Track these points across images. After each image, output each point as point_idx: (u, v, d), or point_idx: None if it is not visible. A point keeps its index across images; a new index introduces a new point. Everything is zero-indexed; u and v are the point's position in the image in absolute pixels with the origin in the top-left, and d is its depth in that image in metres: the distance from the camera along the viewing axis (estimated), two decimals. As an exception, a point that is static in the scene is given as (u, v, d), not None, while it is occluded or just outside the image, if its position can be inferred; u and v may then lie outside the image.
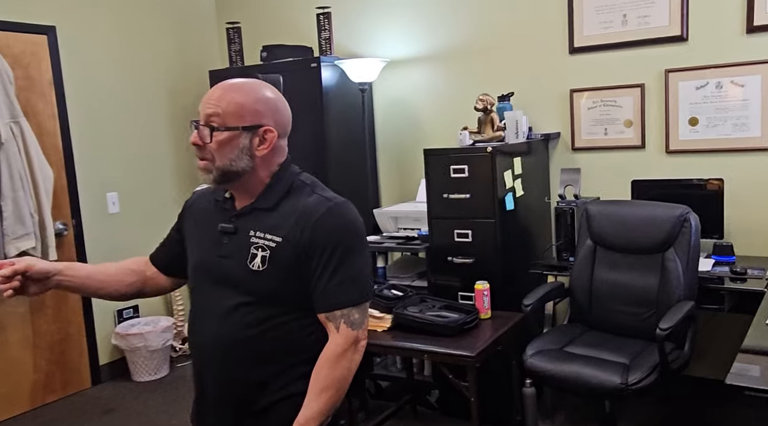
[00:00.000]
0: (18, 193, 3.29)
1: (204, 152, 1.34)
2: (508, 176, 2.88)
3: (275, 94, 1.40)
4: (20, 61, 3.44)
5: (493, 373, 2.82)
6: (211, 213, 1.46)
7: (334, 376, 1.34)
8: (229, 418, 1.42)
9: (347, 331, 1.34)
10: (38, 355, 3.57)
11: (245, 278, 1.36)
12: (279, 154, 1.42)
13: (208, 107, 1.33)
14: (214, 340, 1.39)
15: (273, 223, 1.36)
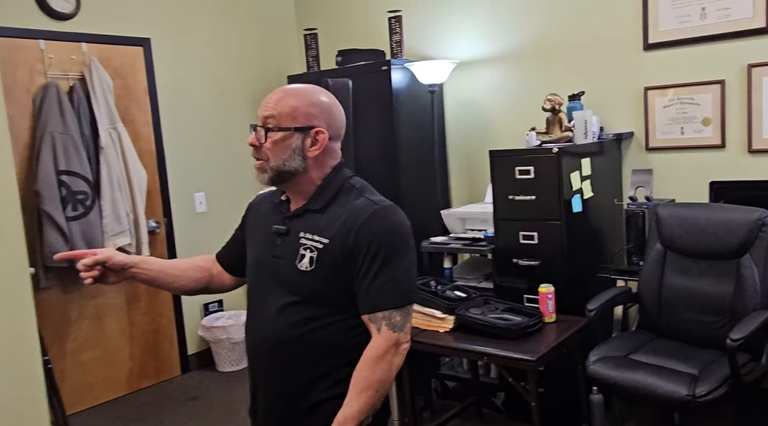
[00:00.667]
0: (116, 194, 3.58)
1: (260, 153, 1.42)
2: (575, 177, 2.82)
3: (330, 99, 1.47)
4: (120, 72, 3.74)
5: (559, 378, 2.77)
6: (268, 215, 1.53)
7: (374, 378, 1.37)
8: (278, 415, 1.48)
9: (388, 333, 1.37)
10: (134, 345, 3.88)
11: (294, 278, 1.41)
12: (331, 156, 1.47)
13: (265, 110, 1.42)
14: (265, 338, 1.46)
15: (321, 224, 1.41)
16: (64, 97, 3.41)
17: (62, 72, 3.49)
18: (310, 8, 4.49)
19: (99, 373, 3.71)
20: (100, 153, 3.54)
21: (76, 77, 3.53)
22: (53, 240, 3.34)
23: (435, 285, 2.86)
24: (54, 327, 3.49)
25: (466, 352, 2.64)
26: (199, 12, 4.10)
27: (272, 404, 1.49)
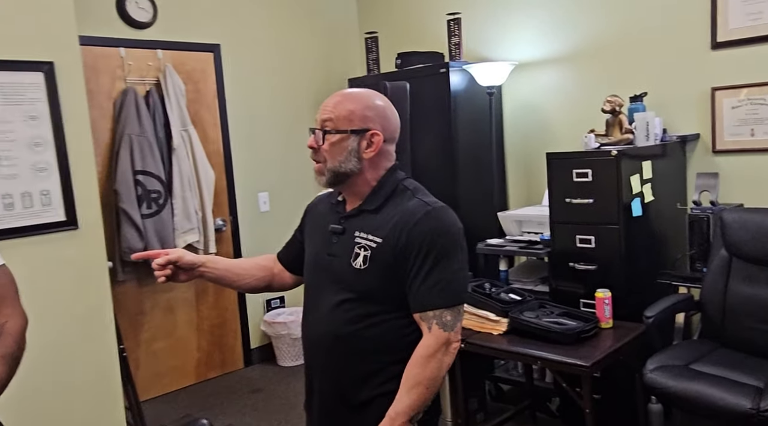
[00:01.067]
0: (186, 193, 3.77)
1: (318, 155, 1.49)
2: (635, 181, 2.75)
3: (385, 102, 1.52)
4: (191, 77, 3.94)
5: (616, 385, 2.72)
6: (326, 215, 1.59)
7: (424, 375, 1.40)
8: (332, 410, 1.53)
9: (439, 332, 1.40)
10: (201, 337, 4.07)
11: (348, 276, 1.46)
12: (386, 158, 1.51)
13: (323, 113, 1.48)
14: (320, 334, 1.52)
15: (375, 224, 1.46)
16: (141, 101, 3.62)
17: (140, 77, 3.71)
18: (372, 12, 4.56)
19: (169, 362, 3.92)
20: (173, 154, 3.73)
21: (152, 82, 3.74)
22: (130, 236, 3.55)
23: (489, 287, 2.86)
24: (129, 318, 3.71)
25: (520, 356, 2.63)
26: (266, 18, 4.25)
27: (326, 399, 1.54)
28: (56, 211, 2.68)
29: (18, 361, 1.30)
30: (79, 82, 2.74)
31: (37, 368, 2.58)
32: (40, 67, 2.58)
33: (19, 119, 2.55)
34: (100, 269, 2.88)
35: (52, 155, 2.65)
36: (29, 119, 2.57)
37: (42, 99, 2.60)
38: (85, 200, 2.77)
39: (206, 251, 3.87)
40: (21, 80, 2.54)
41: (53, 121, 2.63)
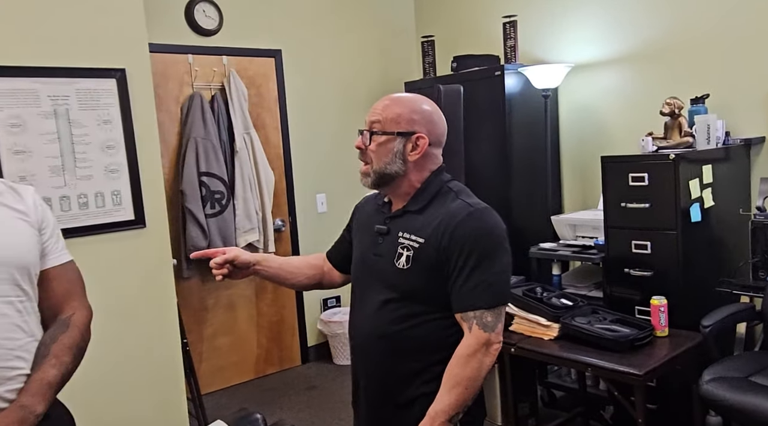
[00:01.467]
0: (247, 194, 3.91)
1: (365, 156, 1.54)
2: (694, 185, 2.68)
3: (432, 107, 1.56)
4: (254, 82, 4.08)
5: (673, 395, 2.65)
6: (372, 215, 1.64)
7: (464, 375, 1.42)
8: (376, 407, 1.58)
9: (479, 332, 1.42)
10: (260, 333, 4.20)
11: (392, 276, 1.50)
12: (431, 161, 1.55)
13: (372, 115, 1.54)
14: (365, 333, 1.56)
15: (418, 225, 1.49)
16: (206, 106, 3.79)
17: (206, 83, 3.88)
18: (429, 16, 4.59)
19: (230, 357, 4.07)
20: (235, 156, 3.88)
21: (217, 87, 3.91)
22: (194, 235, 3.72)
23: (541, 291, 2.85)
24: (194, 313, 3.88)
25: (570, 362, 2.59)
26: (325, 24, 4.35)
27: (372, 397, 1.59)
28: (126, 211, 2.84)
29: (83, 351, 1.41)
30: (148, 87, 2.90)
31: (105, 359, 2.75)
32: (113, 73, 2.75)
33: (94, 123, 2.72)
34: (165, 266, 3.03)
35: (123, 157, 2.81)
36: (103, 123, 2.75)
37: (114, 104, 2.77)
38: (152, 200, 2.93)
39: (265, 250, 4.00)
40: (96, 86, 2.71)
41: (124, 125, 2.80)
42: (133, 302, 2.89)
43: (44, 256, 1.41)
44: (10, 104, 2.47)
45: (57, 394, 1.33)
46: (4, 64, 2.45)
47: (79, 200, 2.70)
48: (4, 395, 1.25)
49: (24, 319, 1.32)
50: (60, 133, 2.62)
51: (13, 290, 1.30)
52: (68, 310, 1.42)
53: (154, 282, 2.98)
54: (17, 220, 1.36)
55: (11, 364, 1.27)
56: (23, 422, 1.23)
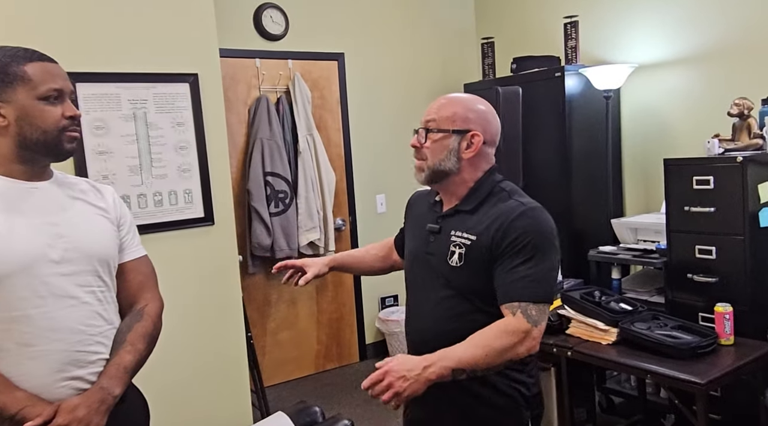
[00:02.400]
0: (309, 194, 4.03)
1: (420, 153, 1.58)
2: (763, 189, 2.59)
3: (488, 107, 1.59)
4: (317, 84, 4.20)
5: (739, 406, 2.57)
6: (424, 213, 1.68)
7: (491, 343, 1.40)
8: (435, 404, 1.59)
9: (522, 319, 1.41)
10: (320, 329, 4.32)
11: (446, 274, 1.53)
12: (485, 160, 1.58)
13: (428, 115, 1.58)
14: (422, 330, 1.60)
15: (471, 223, 1.52)
16: (272, 108, 3.93)
17: (271, 86, 4.02)
18: (489, 17, 4.60)
19: (292, 352, 4.20)
20: (298, 157, 4.01)
21: (282, 90, 4.05)
22: (259, 232, 3.87)
23: (599, 295, 2.81)
24: (258, 308, 4.03)
25: (629, 368, 2.55)
26: (387, 27, 4.43)
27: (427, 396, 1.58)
28: (196, 208, 3.00)
29: (155, 339, 1.52)
30: (218, 91, 3.05)
31: (174, 349, 2.90)
32: (186, 78, 2.91)
33: (168, 125, 2.89)
34: (231, 262, 3.17)
35: (194, 158, 2.97)
36: (176, 125, 2.91)
37: (187, 107, 2.92)
38: (220, 199, 3.08)
39: (326, 249, 4.10)
40: (171, 91, 2.88)
41: (196, 127, 2.96)
42: (202, 296, 3.04)
43: (122, 251, 1.53)
44: (95, 108, 2.66)
45: (132, 378, 1.44)
46: (90, 71, 2.64)
47: (155, 198, 2.87)
48: (87, 377, 1.37)
49: (104, 307, 1.44)
50: (138, 135, 2.79)
51: (96, 281, 1.42)
52: (142, 301, 1.54)
53: (222, 277, 3.12)
54: (99, 217, 1.49)
55: (93, 349, 1.39)
56: (103, 402, 1.34)
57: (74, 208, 1.44)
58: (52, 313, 1.34)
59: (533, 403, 1.55)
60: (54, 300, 1.34)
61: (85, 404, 1.31)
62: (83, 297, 1.39)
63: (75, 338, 1.36)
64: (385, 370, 1.38)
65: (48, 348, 1.33)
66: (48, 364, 1.33)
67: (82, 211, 1.46)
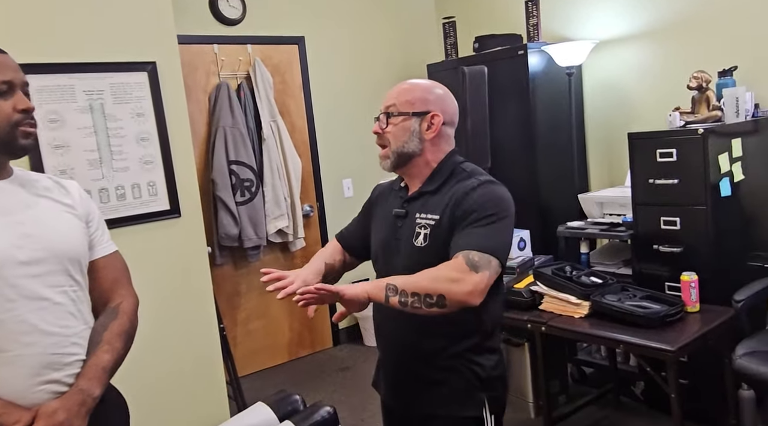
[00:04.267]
0: (276, 181, 3.98)
1: (383, 139, 1.60)
2: (723, 159, 2.66)
3: (445, 91, 1.63)
4: (278, 69, 4.13)
5: (705, 370, 2.66)
6: (390, 201, 1.69)
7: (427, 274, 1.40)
8: (398, 388, 1.63)
9: (462, 261, 1.40)
10: (292, 317, 4.29)
11: (412, 256, 1.55)
12: (446, 142, 1.61)
13: (387, 101, 1.60)
14: (388, 313, 1.59)
15: (434, 204, 1.55)
16: (233, 95, 3.84)
17: (231, 72, 3.93)
18: (449, -4, 4.57)
19: (264, 341, 4.17)
20: (263, 144, 3.94)
21: (243, 76, 3.96)
22: (226, 222, 3.80)
23: (570, 270, 2.86)
24: (227, 299, 3.98)
25: (602, 339, 2.62)
26: (347, 9, 4.37)
27: (393, 377, 1.64)
28: (161, 201, 2.92)
29: (132, 337, 1.48)
30: (178, 79, 2.96)
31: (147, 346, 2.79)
32: (144, 67, 2.81)
33: (128, 116, 2.79)
34: (200, 254, 3.11)
35: (157, 149, 2.88)
36: (136, 116, 2.82)
37: (147, 97, 2.83)
38: (186, 190, 3.00)
39: (295, 236, 4.07)
40: (128, 80, 2.78)
41: (157, 117, 2.87)
42: (171, 290, 2.98)
43: (92, 248, 1.47)
44: (48, 100, 2.55)
45: (111, 378, 1.40)
46: (42, 61, 2.52)
47: (117, 192, 2.78)
48: (64, 379, 1.33)
49: (78, 307, 1.39)
50: (96, 127, 2.69)
51: (67, 281, 1.37)
52: (116, 298, 1.49)
53: (191, 270, 3.06)
54: (66, 214, 1.43)
55: (69, 351, 1.34)
56: (83, 405, 1.30)
57: (39, 205, 1.38)
58: (23, 316, 1.28)
59: (490, 385, 1.56)
60: (25, 302, 1.29)
61: (64, 408, 1.27)
62: (55, 298, 1.34)
63: (49, 340, 1.31)
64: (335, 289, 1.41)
65: (22, 352, 1.28)
66: (23, 369, 1.28)
67: (48, 209, 1.40)
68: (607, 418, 3.04)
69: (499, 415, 1.60)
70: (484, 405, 1.54)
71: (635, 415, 3.02)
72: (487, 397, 1.55)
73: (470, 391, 1.54)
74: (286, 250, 4.18)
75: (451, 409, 1.53)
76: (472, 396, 1.54)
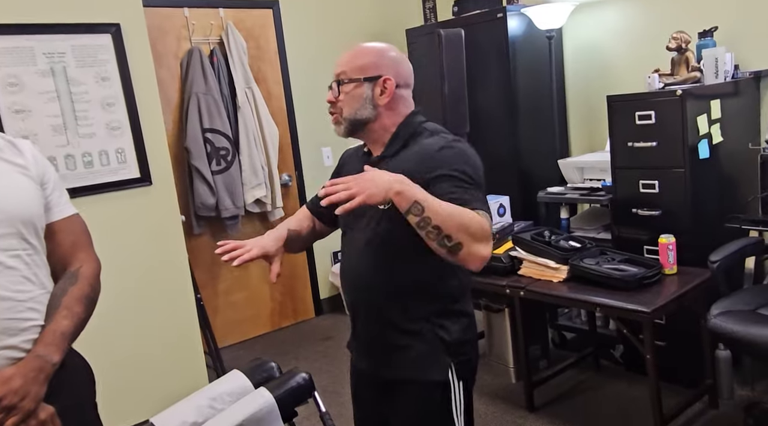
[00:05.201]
0: (252, 150, 3.90)
1: (336, 107, 1.55)
2: (702, 121, 2.63)
3: (397, 52, 1.58)
4: (252, 34, 4.01)
5: (682, 332, 2.67)
6: (355, 165, 1.63)
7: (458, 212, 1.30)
8: (367, 349, 1.61)
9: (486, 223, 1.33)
10: (274, 288, 4.25)
11: (376, 218, 1.50)
12: (403, 104, 1.55)
13: (337, 68, 1.55)
14: (356, 276, 1.58)
15: (395, 165, 1.48)
16: (206, 60, 3.74)
17: (203, 37, 3.82)
18: (431, -41, 4.45)
19: (246, 311, 4.14)
20: (238, 111, 3.85)
21: (216, 41, 3.85)
22: (202, 191, 3.73)
23: (549, 235, 2.84)
24: (207, 269, 3.92)
25: (580, 302, 2.62)
26: (323, -28, 4.25)
27: (366, 340, 1.61)
28: (131, 168, 2.85)
29: (94, 302, 1.42)
30: (144, 42, 2.87)
31: (122, 315, 2.80)
32: (108, 28, 2.72)
33: (92, 80, 2.70)
34: (174, 222, 3.06)
35: (124, 114, 2.80)
36: (101, 80, 2.73)
37: (111, 60, 2.74)
38: (156, 157, 2.93)
39: (274, 205, 4.01)
40: (91, 43, 2.68)
41: (123, 81, 2.78)
42: (144, 259, 2.93)
43: (48, 210, 1.41)
44: (6, 63, 2.46)
45: (71, 344, 1.35)
46: (-3, 23, 2.42)
47: (84, 159, 2.71)
48: (21, 345, 1.28)
49: (33, 271, 1.33)
50: (59, 92, 2.61)
51: (20, 244, 1.31)
52: (76, 262, 1.43)
53: (165, 238, 3.01)
54: (18, 175, 1.36)
55: (25, 316, 1.29)
56: (41, 371, 1.26)
57: None
58: None
59: (457, 350, 1.53)
60: None
61: (20, 374, 1.23)
62: (7, 261, 1.28)
63: (3, 305, 1.26)
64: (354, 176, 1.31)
65: None
66: None
67: None
68: (587, 382, 3.05)
69: (469, 380, 1.57)
70: (450, 369, 1.51)
71: (614, 378, 3.04)
72: (454, 362, 1.52)
73: (436, 355, 1.50)
74: (265, 219, 4.12)
75: (416, 373, 1.51)
76: (437, 360, 1.51)
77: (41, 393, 1.25)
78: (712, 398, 2.67)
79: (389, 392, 1.58)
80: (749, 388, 2.76)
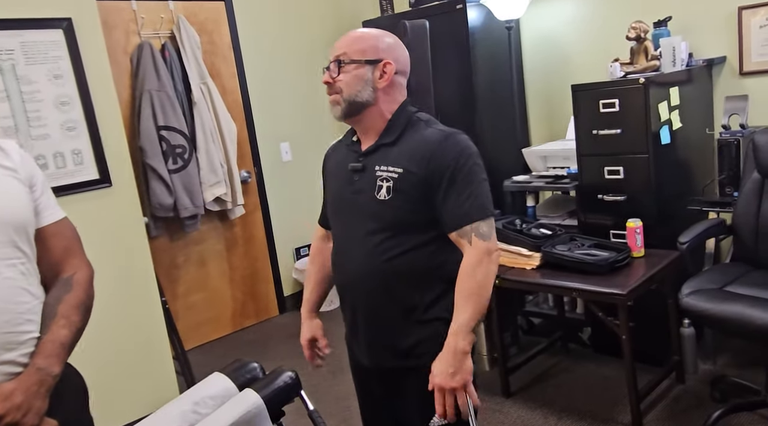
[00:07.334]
0: (210, 146, 3.78)
1: (334, 88, 1.52)
2: (663, 108, 2.72)
3: (395, 40, 1.58)
4: (205, 28, 3.88)
5: (648, 312, 2.76)
6: (344, 158, 1.62)
7: (476, 284, 1.43)
8: (374, 340, 1.59)
9: (479, 242, 1.44)
10: (234, 287, 4.16)
11: (375, 209, 1.50)
12: (399, 92, 1.56)
13: (338, 49, 1.53)
14: (353, 266, 1.56)
15: (394, 156, 1.51)
16: (157, 55, 3.59)
17: (154, 31, 3.67)
18: (383, -50, 4.42)
19: (206, 313, 4.03)
20: (193, 108, 3.73)
21: (167, 35, 3.71)
22: (159, 192, 3.59)
23: (520, 223, 2.89)
24: (165, 271, 3.79)
25: (555, 288, 2.67)
26: (275, -37, 4.16)
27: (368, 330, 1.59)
28: (89, 170, 2.72)
29: (89, 310, 1.35)
30: (99, 37, 2.74)
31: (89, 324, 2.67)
32: (59, 23, 2.57)
33: (44, 79, 2.56)
34: (136, 224, 2.94)
35: (80, 114, 2.66)
36: (54, 78, 2.58)
37: (64, 57, 2.60)
38: (116, 157, 2.81)
39: (234, 203, 3.91)
40: (42, 38, 2.54)
41: (77, 78, 2.64)
42: (107, 264, 2.80)
43: (38, 214, 1.33)
44: (-49, 62, 2.28)
45: (70, 354, 1.29)
46: (-61, 18, 2.25)
47: (38, 162, 2.55)
48: (18, 360, 1.20)
49: (29, 281, 1.26)
50: (8, 91, 2.45)
51: (14, 252, 1.23)
52: (69, 269, 1.35)
53: (127, 242, 2.89)
54: (8, 178, 1.27)
55: (23, 328, 1.22)
56: (42, 384, 1.19)
57: None
58: None
59: None
60: None
61: (21, 389, 1.16)
62: (4, 272, 1.20)
63: (2, 319, 1.18)
64: (437, 387, 1.43)
65: None
66: None
67: None
68: (558, 365, 3.13)
69: None
70: None
71: (584, 360, 3.12)
72: None
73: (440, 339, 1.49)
74: (225, 218, 4.02)
75: (421, 361, 1.50)
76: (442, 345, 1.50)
77: (44, 407, 1.19)
78: (679, 374, 2.78)
79: (395, 382, 1.59)
80: (711, 362, 2.89)
